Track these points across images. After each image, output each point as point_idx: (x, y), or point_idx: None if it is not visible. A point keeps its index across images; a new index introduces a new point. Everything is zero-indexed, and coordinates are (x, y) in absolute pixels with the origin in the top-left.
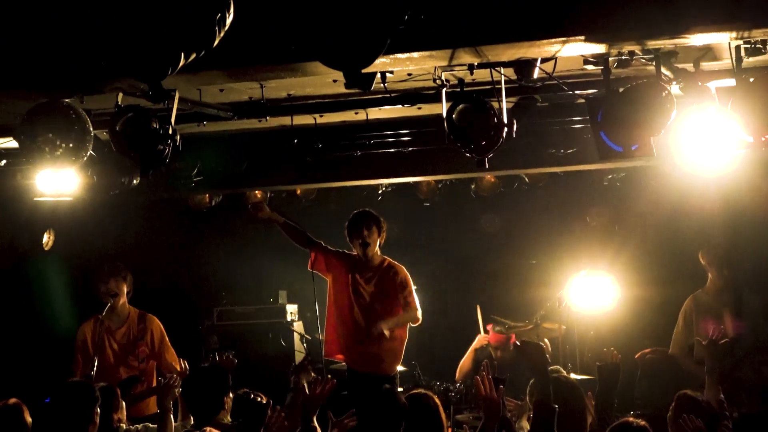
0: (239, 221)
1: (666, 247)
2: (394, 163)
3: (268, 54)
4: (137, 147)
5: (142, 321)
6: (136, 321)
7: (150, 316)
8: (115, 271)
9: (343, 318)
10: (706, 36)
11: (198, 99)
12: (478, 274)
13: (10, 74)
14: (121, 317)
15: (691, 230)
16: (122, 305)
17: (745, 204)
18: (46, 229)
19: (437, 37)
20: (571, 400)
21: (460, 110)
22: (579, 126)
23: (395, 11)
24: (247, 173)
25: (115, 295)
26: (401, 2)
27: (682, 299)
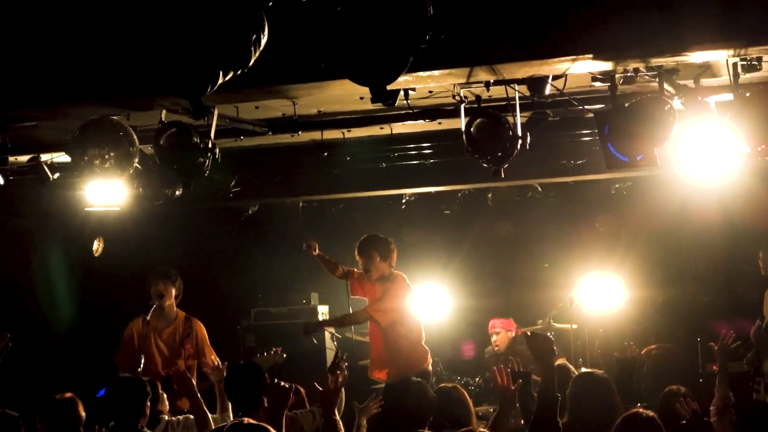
0: (274, 228)
1: (669, 251)
2: (416, 174)
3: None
4: (179, 160)
5: (188, 323)
6: (182, 323)
7: (195, 320)
8: (166, 274)
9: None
10: (705, 54)
11: (235, 115)
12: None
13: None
14: (168, 318)
15: (692, 235)
16: (169, 307)
17: (742, 210)
18: (96, 237)
19: (456, 57)
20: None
21: (477, 124)
22: (588, 138)
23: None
24: (280, 184)
25: (162, 297)
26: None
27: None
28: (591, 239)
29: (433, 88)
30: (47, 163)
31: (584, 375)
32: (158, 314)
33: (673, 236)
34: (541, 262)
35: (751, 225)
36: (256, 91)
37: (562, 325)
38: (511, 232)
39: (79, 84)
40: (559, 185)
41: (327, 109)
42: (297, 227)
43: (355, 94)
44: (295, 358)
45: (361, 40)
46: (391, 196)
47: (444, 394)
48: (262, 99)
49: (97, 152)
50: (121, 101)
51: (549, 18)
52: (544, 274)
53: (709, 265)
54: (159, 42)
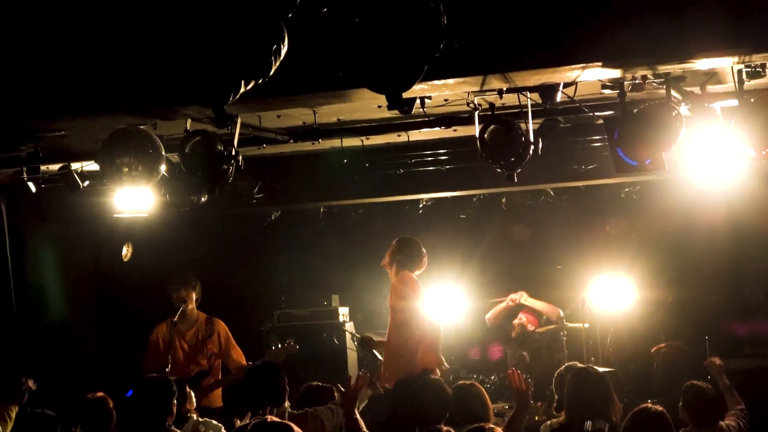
0: (296, 233)
1: (677, 252)
2: (433, 180)
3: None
4: (204, 167)
5: (210, 323)
6: (204, 324)
7: (216, 320)
8: (185, 281)
9: None
10: (710, 61)
11: (258, 124)
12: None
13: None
14: (191, 321)
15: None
16: (191, 310)
17: (748, 212)
18: (125, 243)
19: (470, 65)
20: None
21: (491, 131)
22: (598, 144)
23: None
24: (302, 190)
25: (185, 302)
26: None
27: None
28: (602, 241)
29: (448, 96)
30: (77, 172)
31: (581, 371)
32: (181, 318)
33: (681, 238)
34: (554, 263)
35: (756, 226)
36: (278, 99)
37: (575, 325)
38: (524, 234)
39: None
40: (570, 189)
41: (346, 117)
42: (318, 232)
43: (373, 102)
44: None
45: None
46: (408, 201)
47: (462, 390)
48: (283, 108)
49: (125, 160)
50: (147, 111)
51: (559, 27)
52: (557, 275)
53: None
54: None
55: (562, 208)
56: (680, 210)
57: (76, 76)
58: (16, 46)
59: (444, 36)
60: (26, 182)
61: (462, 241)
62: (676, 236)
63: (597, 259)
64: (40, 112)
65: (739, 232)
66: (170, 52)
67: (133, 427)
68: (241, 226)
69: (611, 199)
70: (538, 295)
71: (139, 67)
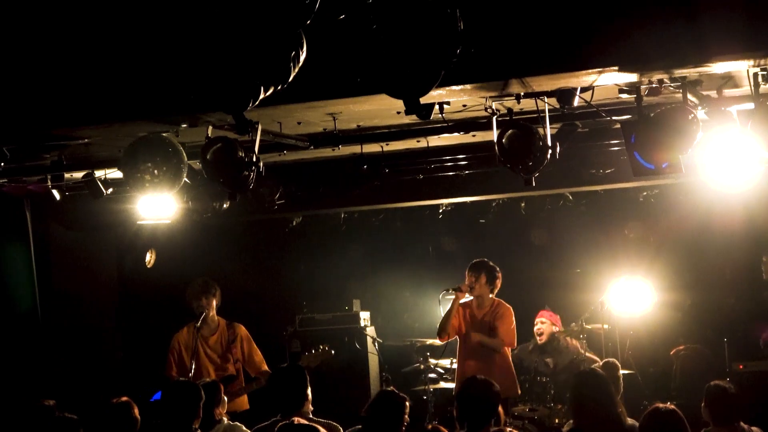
0: (317, 238)
1: (695, 255)
2: (452, 185)
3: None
4: (226, 174)
5: (231, 328)
6: (225, 329)
7: (237, 324)
8: (205, 289)
9: None
10: (726, 64)
11: (278, 131)
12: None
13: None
14: (212, 327)
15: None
16: (212, 317)
17: (765, 215)
18: (148, 249)
19: (487, 70)
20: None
21: (509, 135)
22: (616, 148)
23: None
24: (322, 196)
25: (207, 309)
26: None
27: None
28: (621, 245)
29: (466, 101)
30: (100, 179)
31: (583, 373)
32: (204, 323)
33: (699, 241)
34: (573, 267)
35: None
36: (297, 106)
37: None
38: (544, 239)
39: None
40: (589, 194)
41: (366, 123)
42: (339, 237)
43: (392, 108)
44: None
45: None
46: (428, 206)
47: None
48: (302, 114)
49: (148, 168)
50: (169, 118)
51: (576, 32)
52: (577, 278)
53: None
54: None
55: (580, 212)
56: (698, 213)
57: (98, 84)
58: (40, 54)
59: (461, 41)
60: (51, 190)
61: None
62: (694, 239)
63: (616, 263)
64: (64, 121)
65: (757, 234)
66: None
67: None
68: (263, 231)
69: (629, 203)
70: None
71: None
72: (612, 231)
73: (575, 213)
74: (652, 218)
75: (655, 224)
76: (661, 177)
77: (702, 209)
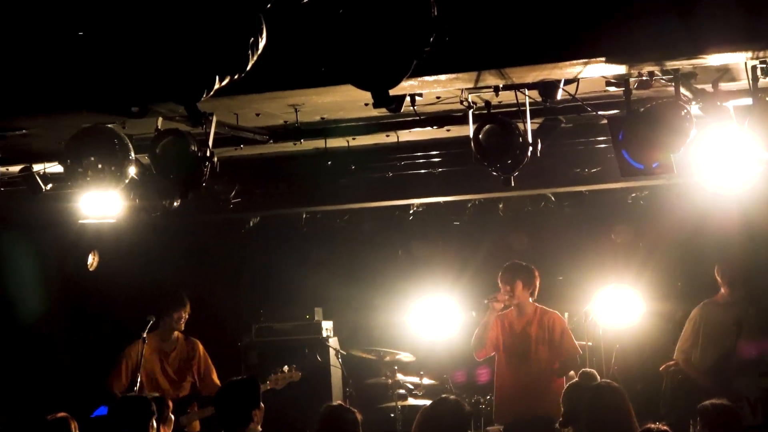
0: (276, 241)
1: (688, 262)
2: (424, 184)
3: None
4: (177, 169)
5: (190, 344)
6: (184, 344)
7: (195, 340)
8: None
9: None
10: (723, 56)
11: (235, 123)
12: None
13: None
14: (172, 341)
15: (712, 246)
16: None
17: (764, 219)
18: (91, 251)
19: (463, 60)
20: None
21: (486, 131)
22: (603, 146)
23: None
24: (282, 195)
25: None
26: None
27: None
28: (607, 251)
29: (440, 93)
30: (39, 174)
31: (601, 386)
32: (165, 337)
33: (692, 247)
34: (555, 274)
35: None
36: (256, 97)
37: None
38: (523, 243)
39: (72, 90)
40: (573, 195)
41: (330, 116)
42: (300, 240)
43: (359, 100)
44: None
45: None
46: (398, 206)
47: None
48: (261, 105)
49: (92, 162)
50: (115, 108)
51: (560, 19)
52: (559, 287)
53: None
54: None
55: (563, 214)
56: (691, 217)
57: (38, 71)
58: None
59: (434, 29)
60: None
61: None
62: (686, 245)
63: (601, 270)
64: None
65: (755, 240)
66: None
67: None
68: (217, 233)
69: (617, 205)
70: None
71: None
72: (598, 235)
73: (558, 216)
74: (641, 222)
75: (644, 228)
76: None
77: (695, 213)
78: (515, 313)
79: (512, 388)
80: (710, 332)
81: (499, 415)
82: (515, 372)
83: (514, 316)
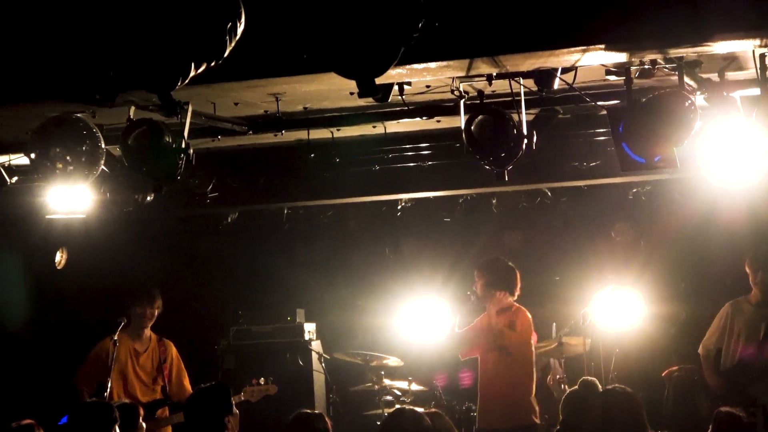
0: (256, 238)
1: (693, 262)
2: (413, 178)
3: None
4: (150, 162)
5: (163, 346)
6: (157, 345)
7: (168, 342)
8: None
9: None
10: (729, 44)
11: (212, 113)
12: None
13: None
14: (144, 341)
15: (719, 245)
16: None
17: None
18: (59, 248)
19: (454, 47)
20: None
21: (478, 122)
22: (602, 138)
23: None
24: (263, 189)
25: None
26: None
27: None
28: (606, 250)
29: (430, 82)
30: (4, 166)
31: (614, 391)
32: (136, 337)
33: (696, 245)
34: (551, 274)
35: None
36: (234, 85)
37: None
38: (518, 241)
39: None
40: (570, 190)
41: (314, 105)
42: (281, 237)
43: (344, 88)
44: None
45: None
46: (385, 202)
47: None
48: (240, 94)
49: (60, 153)
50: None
51: (557, 4)
52: (555, 287)
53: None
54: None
55: (560, 211)
56: (696, 214)
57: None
58: None
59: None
60: None
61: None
62: (690, 243)
63: (600, 270)
64: None
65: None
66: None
67: None
68: (193, 229)
69: (617, 201)
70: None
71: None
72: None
73: (554, 212)
74: (642, 219)
75: (646, 226)
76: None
77: (700, 209)
78: (494, 312)
79: (489, 393)
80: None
81: (481, 421)
82: (493, 375)
83: (493, 315)
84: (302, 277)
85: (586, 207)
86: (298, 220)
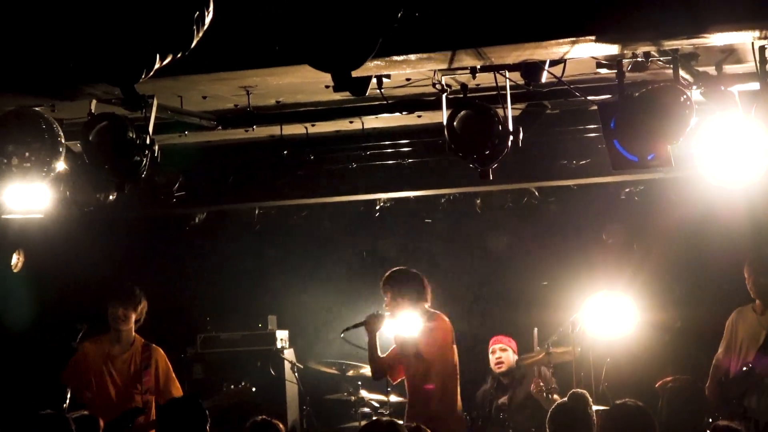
0: (225, 240)
1: (688, 266)
2: (392, 176)
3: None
4: (112, 159)
5: (147, 351)
6: (140, 350)
7: (156, 348)
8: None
9: None
10: (727, 35)
11: (179, 107)
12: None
13: None
14: (124, 344)
15: (716, 247)
16: (128, 332)
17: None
18: (15, 250)
19: (436, 38)
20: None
21: (461, 117)
22: (593, 135)
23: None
24: (233, 187)
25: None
26: None
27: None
28: (597, 253)
29: (410, 75)
30: None
31: (629, 406)
32: (115, 339)
33: (693, 248)
34: (539, 279)
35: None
36: (202, 77)
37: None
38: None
39: None
40: (559, 189)
41: (287, 99)
42: (252, 238)
43: (319, 81)
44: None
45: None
46: (363, 202)
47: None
48: (209, 87)
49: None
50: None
51: None
52: (543, 293)
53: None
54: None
55: (548, 211)
56: (691, 215)
57: None
58: None
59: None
60: None
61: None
62: (686, 246)
63: (591, 275)
64: None
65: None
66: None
67: None
68: (158, 230)
69: (609, 202)
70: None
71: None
72: (587, 236)
73: (542, 213)
74: (635, 220)
75: (639, 228)
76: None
77: (696, 210)
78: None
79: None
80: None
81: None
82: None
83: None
84: (274, 282)
85: (576, 208)
86: (270, 220)
